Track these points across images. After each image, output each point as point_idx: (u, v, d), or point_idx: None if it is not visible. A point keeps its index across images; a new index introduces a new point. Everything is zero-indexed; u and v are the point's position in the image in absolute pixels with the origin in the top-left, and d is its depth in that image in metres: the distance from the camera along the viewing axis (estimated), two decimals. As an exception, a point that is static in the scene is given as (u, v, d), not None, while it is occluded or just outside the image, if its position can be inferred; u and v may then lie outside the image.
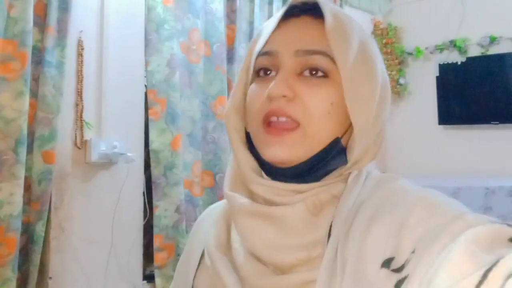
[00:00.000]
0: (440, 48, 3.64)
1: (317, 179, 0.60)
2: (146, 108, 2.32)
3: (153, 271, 2.33)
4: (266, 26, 0.64)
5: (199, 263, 0.68)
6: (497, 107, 3.45)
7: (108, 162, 2.13)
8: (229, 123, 0.63)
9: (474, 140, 3.52)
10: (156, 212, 2.29)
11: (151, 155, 2.31)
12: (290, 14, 0.62)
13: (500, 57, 3.42)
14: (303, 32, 0.60)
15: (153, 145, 2.30)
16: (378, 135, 0.63)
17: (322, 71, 0.58)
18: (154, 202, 2.30)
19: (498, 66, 3.44)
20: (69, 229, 2.02)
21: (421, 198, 0.55)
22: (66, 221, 2.01)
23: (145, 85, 2.34)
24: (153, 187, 2.31)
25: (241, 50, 2.72)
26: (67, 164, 2.03)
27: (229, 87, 2.65)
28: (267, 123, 0.58)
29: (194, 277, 0.68)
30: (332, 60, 0.58)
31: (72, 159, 2.05)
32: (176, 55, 2.36)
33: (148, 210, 2.30)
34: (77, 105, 2.05)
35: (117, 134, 2.18)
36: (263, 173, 0.62)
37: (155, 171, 2.31)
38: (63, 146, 2.00)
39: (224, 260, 0.61)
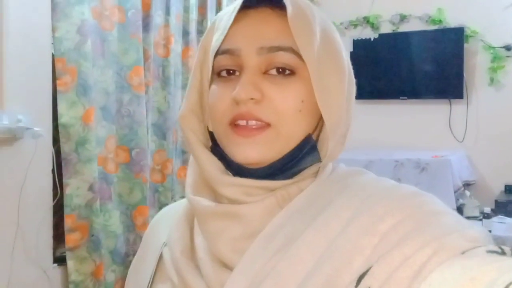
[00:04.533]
0: (354, 24, 3.71)
1: (289, 177, 0.57)
2: (54, 79, 2.12)
3: (64, 253, 2.18)
4: (221, 18, 0.58)
5: (156, 269, 0.62)
6: (406, 83, 3.60)
7: (11, 137, 1.93)
8: (185, 126, 0.59)
9: (384, 114, 3.66)
10: (67, 191, 2.13)
11: (61, 129, 2.12)
12: (247, 4, 0.56)
13: (409, 35, 3.56)
14: (264, 26, 0.55)
15: (62, 119, 2.12)
16: (348, 129, 0.60)
17: (289, 69, 0.54)
18: (65, 180, 2.13)
19: (407, 43, 3.57)
20: (-32, 212, 1.82)
21: (405, 195, 0.53)
22: (-37, 203, 1.81)
23: (53, 53, 2.13)
24: (63, 164, 2.14)
25: (158, 18, 2.58)
26: (-37, 140, 1.81)
27: (145, 57, 2.51)
28: (236, 125, 0.54)
29: (151, 284, 0.61)
30: (298, 55, 0.54)
31: (-31, 135, 1.83)
32: (87, 21, 2.17)
33: (58, 188, 2.13)
34: (-27, 73, 1.83)
35: (21, 106, 1.98)
36: (229, 172, 0.58)
37: (65, 147, 2.13)
38: (-42, 120, 1.78)
39: (191, 266, 0.56)
